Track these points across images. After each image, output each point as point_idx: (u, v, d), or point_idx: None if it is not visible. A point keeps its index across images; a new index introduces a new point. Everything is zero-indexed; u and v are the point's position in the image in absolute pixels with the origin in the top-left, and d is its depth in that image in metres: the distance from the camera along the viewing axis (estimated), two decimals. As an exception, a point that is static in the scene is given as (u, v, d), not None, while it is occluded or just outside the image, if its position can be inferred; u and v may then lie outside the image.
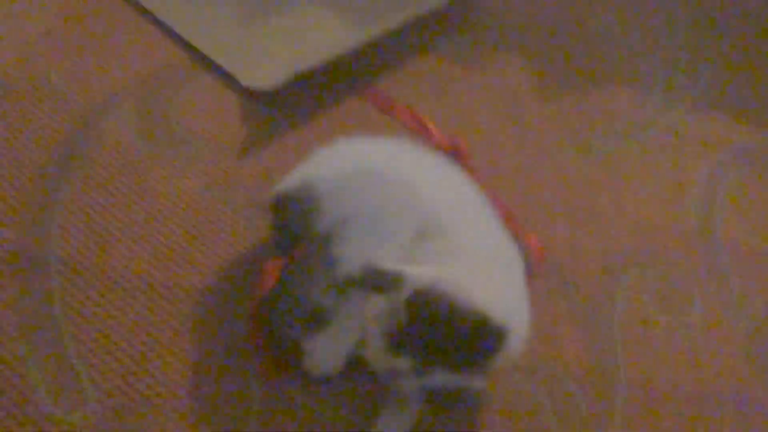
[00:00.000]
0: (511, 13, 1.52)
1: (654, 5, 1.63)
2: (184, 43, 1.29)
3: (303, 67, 1.20)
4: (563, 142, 1.31)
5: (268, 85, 1.20)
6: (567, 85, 1.41)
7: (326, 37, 1.33)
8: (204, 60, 1.27)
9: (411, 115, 1.24)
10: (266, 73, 1.24)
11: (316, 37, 1.33)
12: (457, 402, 0.85)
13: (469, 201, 0.97)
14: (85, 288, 0.96)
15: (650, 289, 1.14)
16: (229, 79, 1.25)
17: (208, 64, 1.26)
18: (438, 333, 0.77)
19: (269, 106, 1.22)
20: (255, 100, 1.22)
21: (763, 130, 1.43)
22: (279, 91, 1.20)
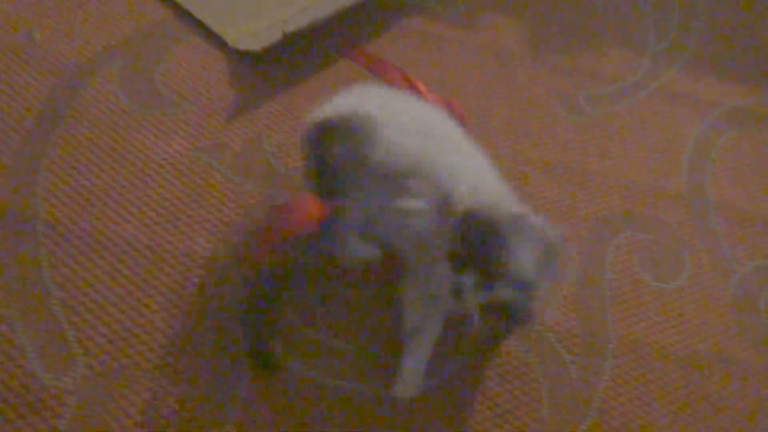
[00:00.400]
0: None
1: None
2: (172, 3, 1.26)
3: (292, 29, 1.17)
4: (554, 104, 1.30)
5: (256, 46, 1.18)
6: (558, 46, 1.39)
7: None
8: (191, 21, 1.24)
9: (403, 77, 1.22)
10: (254, 35, 1.21)
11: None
12: (520, 318, 0.87)
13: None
14: (72, 252, 0.95)
15: (641, 251, 1.14)
16: (217, 41, 1.22)
17: (195, 24, 1.24)
18: (497, 246, 0.79)
19: (257, 68, 1.20)
20: (243, 62, 1.20)
21: (754, 92, 1.42)
22: (267, 52, 1.18)
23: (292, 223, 0.94)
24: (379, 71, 1.22)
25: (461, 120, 1.10)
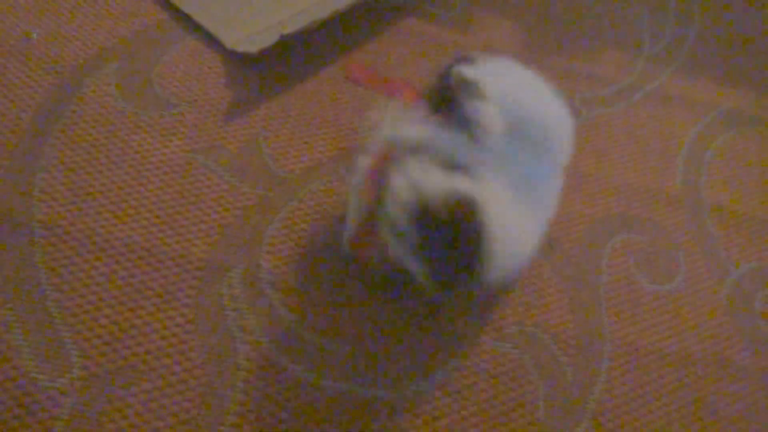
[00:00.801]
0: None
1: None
2: (169, 5, 1.26)
3: (289, 31, 1.17)
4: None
5: (253, 48, 1.18)
6: (553, 48, 1.40)
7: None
8: (188, 22, 1.24)
9: (397, 88, 1.22)
10: (252, 37, 1.21)
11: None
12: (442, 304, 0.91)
13: None
14: (68, 253, 0.95)
15: (636, 253, 1.14)
16: (214, 42, 1.22)
17: (192, 26, 1.24)
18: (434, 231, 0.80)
19: (254, 70, 1.20)
20: (240, 64, 1.20)
21: (749, 94, 1.42)
22: (264, 54, 1.18)
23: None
24: (373, 86, 1.21)
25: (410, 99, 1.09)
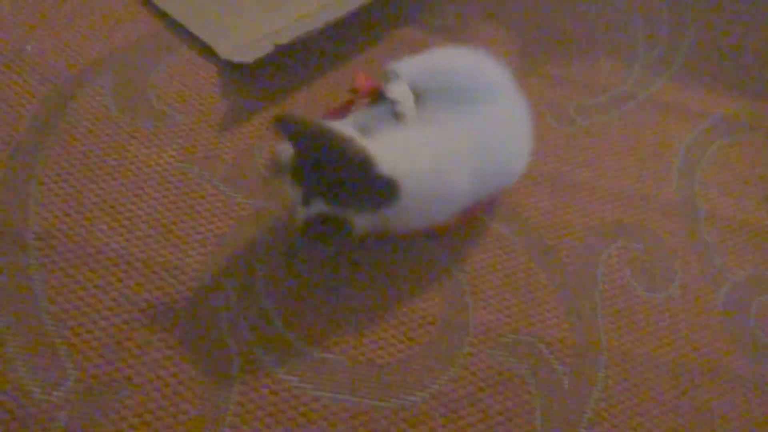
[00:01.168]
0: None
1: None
2: (163, 15, 1.26)
3: (283, 40, 1.18)
4: (545, 114, 1.30)
5: (248, 58, 1.18)
6: (548, 56, 1.40)
7: (307, 8, 1.30)
8: (183, 32, 1.24)
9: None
10: (246, 46, 1.22)
11: (296, 8, 1.30)
12: (330, 237, 0.93)
13: None
14: (63, 264, 0.94)
15: (632, 261, 1.15)
16: (209, 52, 1.22)
17: (187, 36, 1.24)
18: (322, 166, 0.89)
19: (249, 80, 1.20)
20: (235, 74, 1.20)
21: (742, 101, 1.43)
22: (259, 64, 1.18)
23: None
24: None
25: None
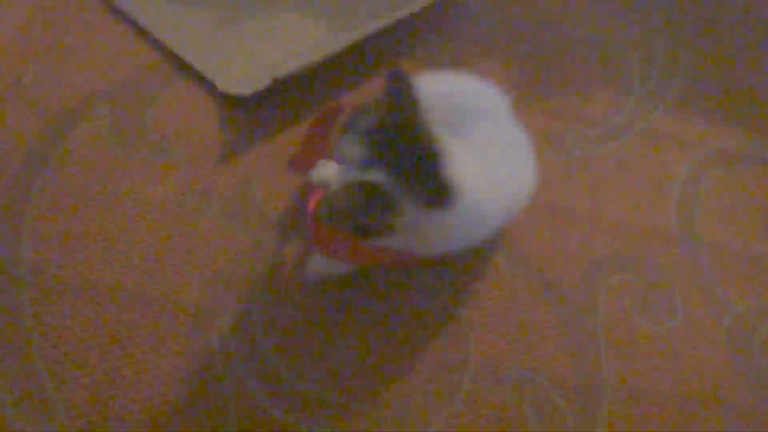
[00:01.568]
0: (488, 18, 1.51)
1: (629, 10, 1.63)
2: (161, 47, 1.26)
3: (281, 74, 1.18)
4: (542, 147, 1.30)
5: (246, 90, 1.18)
6: (545, 90, 1.40)
7: (304, 42, 1.31)
8: (181, 64, 1.24)
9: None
10: (244, 79, 1.22)
11: (294, 42, 1.31)
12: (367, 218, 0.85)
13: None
14: (56, 299, 0.93)
15: (633, 293, 1.13)
16: (207, 85, 1.22)
17: (185, 68, 1.24)
18: (403, 140, 0.83)
19: (247, 112, 1.20)
20: (232, 106, 1.20)
21: (738, 131, 1.43)
22: (257, 97, 1.18)
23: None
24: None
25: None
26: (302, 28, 1.35)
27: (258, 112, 1.21)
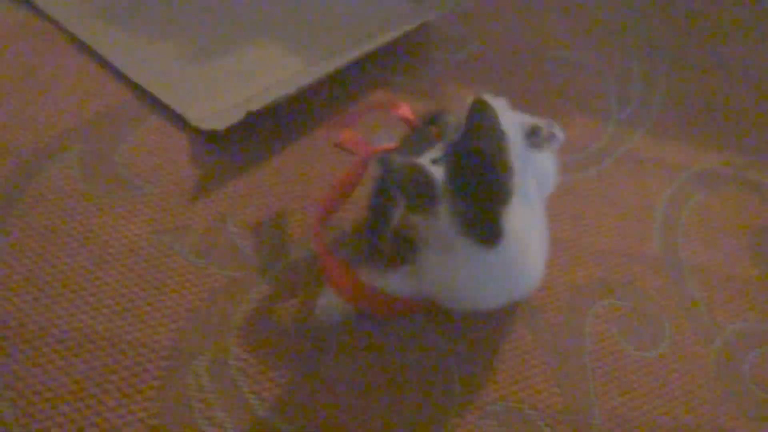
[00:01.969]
0: (466, 47, 1.51)
1: (607, 34, 1.65)
2: (132, 84, 1.25)
3: (254, 107, 1.16)
4: (524, 174, 1.29)
5: (219, 125, 1.16)
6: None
7: (277, 76, 1.30)
8: (153, 101, 1.23)
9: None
10: (217, 114, 1.20)
11: (267, 75, 1.30)
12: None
13: None
14: (22, 347, 0.89)
15: (619, 320, 1.12)
16: (179, 120, 1.21)
17: (156, 104, 1.22)
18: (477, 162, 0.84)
19: (220, 148, 1.18)
20: (206, 142, 1.18)
21: (719, 154, 1.44)
22: (230, 131, 1.16)
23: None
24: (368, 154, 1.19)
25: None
26: (276, 61, 1.34)
27: (232, 147, 1.19)
